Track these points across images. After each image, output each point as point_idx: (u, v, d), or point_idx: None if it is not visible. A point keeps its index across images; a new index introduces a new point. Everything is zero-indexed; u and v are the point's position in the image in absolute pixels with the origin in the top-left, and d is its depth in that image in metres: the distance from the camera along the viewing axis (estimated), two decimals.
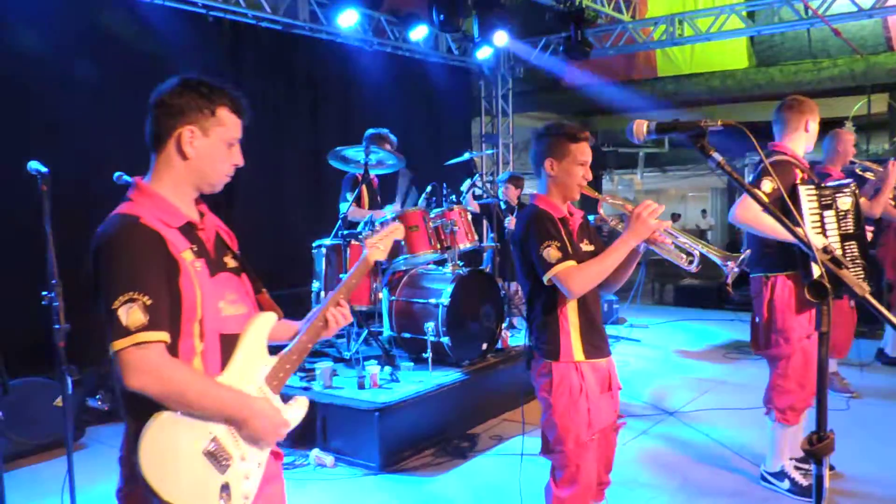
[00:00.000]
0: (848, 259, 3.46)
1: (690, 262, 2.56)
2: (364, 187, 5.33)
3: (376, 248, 2.31)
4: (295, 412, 1.97)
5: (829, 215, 3.44)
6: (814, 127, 3.63)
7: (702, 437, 4.59)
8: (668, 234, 2.56)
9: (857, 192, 3.56)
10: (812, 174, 3.62)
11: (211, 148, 1.80)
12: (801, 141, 3.62)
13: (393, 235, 2.36)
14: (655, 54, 9.92)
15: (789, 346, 3.55)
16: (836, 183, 3.62)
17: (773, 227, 3.25)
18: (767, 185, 3.34)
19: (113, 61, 5.31)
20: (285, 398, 1.95)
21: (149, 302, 1.62)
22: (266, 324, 1.91)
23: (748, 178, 3.69)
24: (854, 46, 8.78)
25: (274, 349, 1.94)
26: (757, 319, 3.68)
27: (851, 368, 5.78)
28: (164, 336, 1.64)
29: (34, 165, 2.90)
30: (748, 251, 2.83)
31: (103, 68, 5.16)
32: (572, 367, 2.64)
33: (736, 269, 2.47)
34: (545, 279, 2.56)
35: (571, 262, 2.54)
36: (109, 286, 1.63)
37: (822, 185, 3.55)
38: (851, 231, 3.49)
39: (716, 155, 1.79)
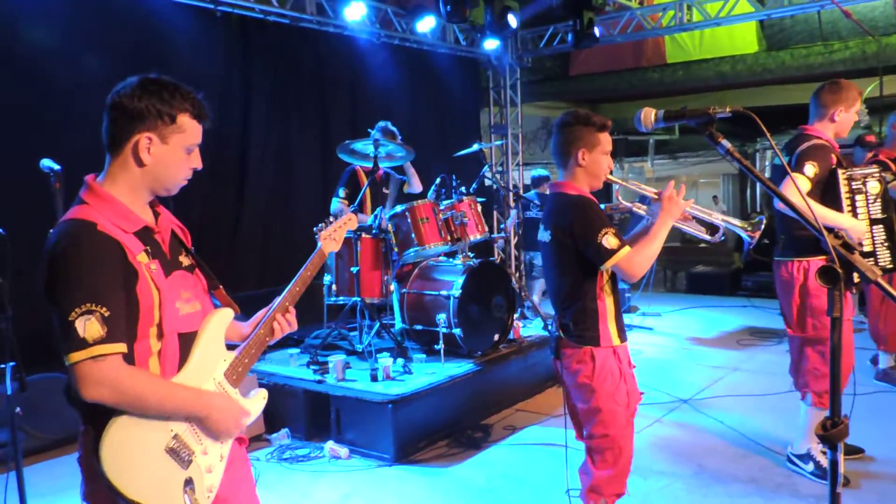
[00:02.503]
0: (877, 243, 3.49)
1: (713, 234, 2.69)
2: (369, 184, 5.31)
3: (331, 240, 2.36)
4: (255, 405, 2.00)
5: (860, 199, 3.46)
6: (845, 116, 3.57)
7: (716, 423, 4.58)
8: (691, 210, 2.73)
9: (884, 178, 3.58)
10: (842, 158, 3.61)
11: (169, 155, 1.76)
12: (829, 127, 3.59)
13: (346, 226, 2.43)
14: (664, 41, 9.84)
15: (828, 331, 3.52)
16: (865, 169, 3.61)
17: (821, 216, 3.26)
18: (810, 170, 3.35)
19: (122, 58, 5.33)
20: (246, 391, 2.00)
21: (107, 314, 1.61)
22: (223, 320, 1.94)
23: (758, 164, 3.67)
24: (865, 28, 8.66)
25: (230, 347, 1.98)
26: (788, 304, 3.66)
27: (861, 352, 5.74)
28: (122, 348, 1.64)
29: (47, 163, 2.92)
30: (763, 216, 2.87)
31: (113, 65, 5.18)
32: (611, 351, 2.71)
33: (756, 237, 2.59)
34: (605, 266, 2.59)
35: (628, 248, 2.58)
36: (66, 296, 1.60)
37: (853, 168, 3.54)
38: (880, 216, 3.52)
39: (725, 142, 1.78)
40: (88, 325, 1.59)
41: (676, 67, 10.15)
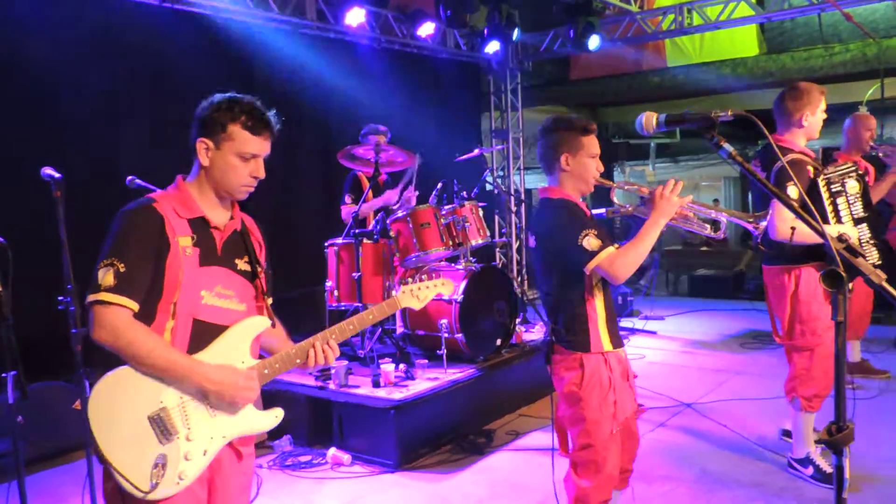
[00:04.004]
0: (863, 241, 3.48)
1: (716, 230, 2.63)
2: (371, 188, 5.32)
3: (412, 297, 2.34)
4: (262, 420, 2.04)
5: (841, 202, 3.45)
6: (813, 119, 3.54)
7: (719, 427, 4.56)
8: (690, 208, 2.64)
9: (861, 175, 3.57)
10: (819, 164, 3.59)
11: (222, 160, 1.99)
12: (800, 134, 3.56)
13: (436, 290, 2.39)
14: (664, 44, 9.85)
15: (816, 338, 3.55)
16: (841, 167, 3.56)
17: (810, 234, 3.17)
18: (794, 192, 3.27)
19: (123, 66, 5.33)
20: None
21: (123, 270, 1.84)
22: (255, 325, 2.04)
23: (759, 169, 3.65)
24: (866, 30, 8.67)
25: None
26: (778, 311, 3.67)
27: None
28: (128, 302, 1.84)
29: (47, 171, 2.92)
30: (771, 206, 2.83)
31: (114, 74, 5.19)
32: (601, 358, 2.66)
33: (761, 228, 2.55)
34: (588, 268, 2.56)
35: (612, 249, 2.55)
36: (102, 250, 1.87)
37: (829, 168, 3.52)
38: (863, 214, 3.52)
39: (727, 146, 1.78)
40: (106, 275, 1.84)
41: (677, 71, 10.16)
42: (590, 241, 2.53)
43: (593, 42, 7.96)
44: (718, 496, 3.64)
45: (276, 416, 2.06)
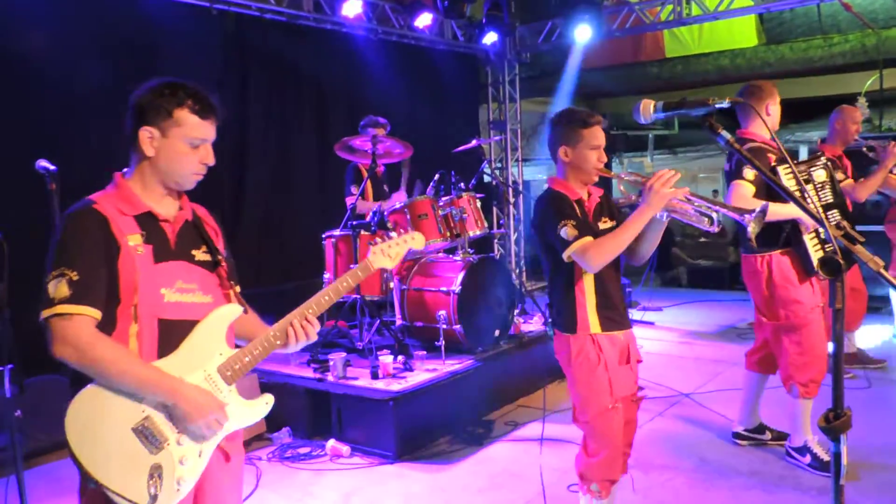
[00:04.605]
0: (833, 225, 3.58)
1: (711, 224, 2.63)
2: (369, 178, 5.32)
3: (383, 256, 2.21)
4: (256, 409, 1.98)
5: (809, 188, 3.58)
6: (774, 109, 3.71)
7: (717, 417, 4.57)
8: (686, 200, 2.61)
9: (828, 164, 3.74)
10: (785, 154, 3.65)
11: (170, 148, 1.87)
12: (763, 126, 3.71)
13: (408, 245, 2.26)
14: (663, 35, 9.80)
15: (800, 317, 3.64)
16: (809, 161, 3.76)
17: (773, 212, 3.28)
18: (749, 174, 3.51)
19: (118, 58, 5.30)
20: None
21: (76, 278, 1.73)
22: (227, 315, 1.94)
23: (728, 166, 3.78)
24: (865, 21, 8.64)
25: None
26: (757, 298, 3.81)
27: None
28: (89, 311, 1.73)
29: (43, 164, 2.90)
30: (766, 203, 2.85)
31: (108, 65, 5.15)
32: (589, 339, 2.73)
33: (751, 219, 2.51)
34: (565, 256, 2.64)
35: (588, 238, 2.61)
36: (49, 262, 1.77)
37: (796, 161, 3.68)
38: (831, 200, 3.68)
39: (724, 133, 1.77)
40: (58, 287, 1.72)
41: (675, 62, 10.12)
42: (567, 231, 2.61)
43: (591, 33, 7.93)
44: (717, 485, 3.65)
45: (266, 402, 2.00)
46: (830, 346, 4.29)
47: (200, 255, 1.98)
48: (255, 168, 6.54)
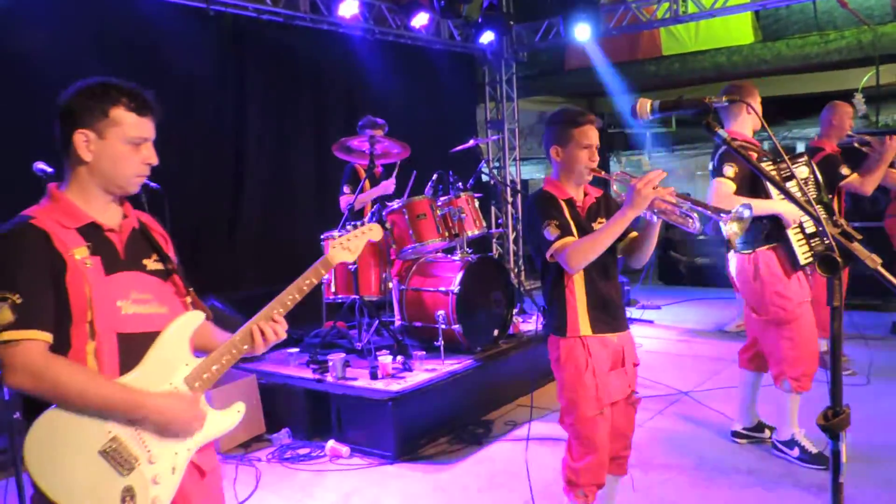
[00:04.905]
0: (830, 222, 3.57)
1: (694, 225, 2.58)
2: (367, 179, 5.32)
3: (342, 249, 2.10)
4: (227, 418, 1.89)
5: (792, 184, 3.60)
6: (755, 108, 3.71)
7: (717, 415, 4.58)
8: (670, 201, 2.56)
9: (810, 161, 3.82)
10: (766, 153, 3.75)
11: (109, 150, 1.77)
12: (746, 124, 3.76)
13: (366, 236, 2.17)
14: (660, 33, 9.81)
15: (789, 312, 3.67)
16: (792, 161, 3.82)
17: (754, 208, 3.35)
18: (730, 170, 3.56)
19: (115, 59, 5.29)
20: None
21: (19, 301, 1.62)
22: (189, 323, 1.85)
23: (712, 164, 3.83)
24: (861, 17, 8.65)
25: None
26: (746, 294, 3.85)
27: (854, 342, 5.73)
28: (38, 334, 1.63)
29: (40, 166, 2.90)
30: (748, 203, 2.84)
31: (105, 65, 5.06)
32: (578, 342, 2.71)
33: (728, 219, 2.43)
34: (547, 256, 2.65)
35: (569, 238, 2.61)
36: None
37: (778, 159, 3.67)
38: (815, 196, 3.74)
39: (721, 132, 1.78)
40: (1, 313, 1.61)
41: (672, 60, 10.12)
42: (549, 231, 2.62)
43: (588, 31, 7.94)
44: (716, 483, 3.65)
45: (238, 411, 1.91)
46: (824, 344, 4.36)
47: (152, 264, 1.87)
48: (252, 169, 6.54)
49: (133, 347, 1.75)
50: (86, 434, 1.65)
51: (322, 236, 5.22)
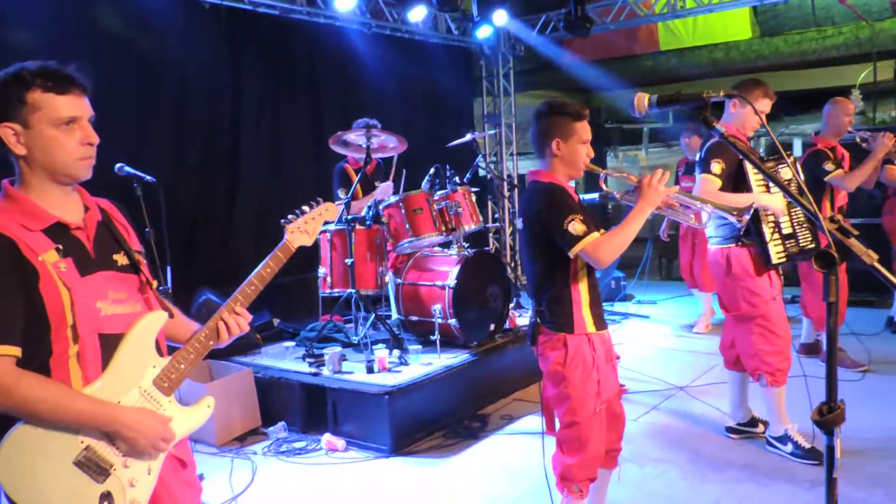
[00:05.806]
0: (795, 223, 3.72)
1: (700, 221, 2.68)
2: (360, 178, 5.29)
3: (301, 233, 2.07)
4: (197, 414, 1.87)
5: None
6: (742, 109, 3.76)
7: (712, 410, 4.59)
8: (676, 198, 2.70)
9: (795, 162, 3.89)
10: (753, 151, 3.78)
11: (38, 138, 1.65)
12: (737, 121, 3.77)
13: (322, 217, 2.13)
14: (657, 28, 9.80)
15: (760, 307, 3.72)
16: (773, 157, 3.84)
17: (734, 201, 3.43)
18: (716, 167, 3.60)
19: (109, 52, 5.28)
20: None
21: None
22: (153, 323, 1.80)
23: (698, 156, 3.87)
24: (859, 13, 8.65)
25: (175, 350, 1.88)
26: (719, 288, 3.91)
27: (849, 338, 5.74)
28: (6, 349, 1.55)
29: None
30: (753, 203, 2.91)
31: (99, 59, 5.11)
32: (585, 339, 2.71)
33: (744, 221, 2.59)
34: (572, 252, 2.58)
35: (597, 234, 2.59)
36: None
37: (763, 159, 3.70)
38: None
39: (719, 126, 1.77)
40: None
41: (670, 55, 10.12)
42: (575, 226, 2.56)
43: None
44: (711, 478, 3.66)
45: (207, 406, 1.89)
46: (823, 341, 4.35)
47: (121, 259, 1.81)
48: (248, 163, 6.52)
49: (111, 349, 1.72)
50: (58, 446, 1.62)
51: (282, 221, 5.20)
